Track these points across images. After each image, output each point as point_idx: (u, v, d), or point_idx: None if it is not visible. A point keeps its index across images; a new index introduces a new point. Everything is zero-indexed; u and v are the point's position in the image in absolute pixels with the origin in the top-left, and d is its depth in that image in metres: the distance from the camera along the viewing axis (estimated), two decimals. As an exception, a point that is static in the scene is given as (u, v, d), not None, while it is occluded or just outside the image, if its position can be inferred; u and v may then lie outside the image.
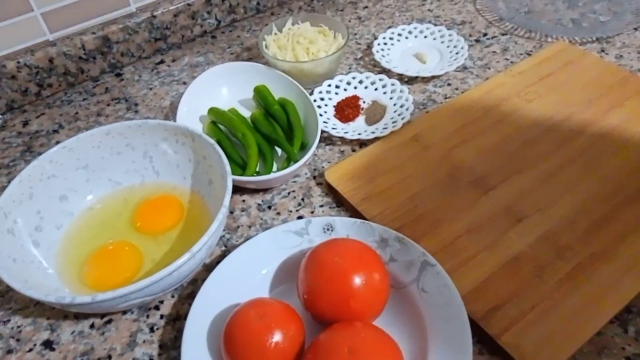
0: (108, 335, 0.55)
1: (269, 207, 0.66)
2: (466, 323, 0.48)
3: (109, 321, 0.56)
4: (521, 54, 0.87)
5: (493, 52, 0.88)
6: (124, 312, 0.56)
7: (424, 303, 0.51)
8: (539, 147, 0.68)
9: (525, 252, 0.57)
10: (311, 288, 0.49)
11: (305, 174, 0.70)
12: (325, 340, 0.45)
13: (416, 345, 0.50)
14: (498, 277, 0.54)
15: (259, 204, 0.66)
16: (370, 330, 0.46)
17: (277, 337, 0.45)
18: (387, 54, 0.86)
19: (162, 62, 0.91)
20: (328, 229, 0.57)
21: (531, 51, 0.87)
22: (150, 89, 0.85)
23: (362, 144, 0.72)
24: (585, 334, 0.50)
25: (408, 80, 0.82)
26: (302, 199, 0.66)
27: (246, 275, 0.55)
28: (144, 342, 0.54)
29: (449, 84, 0.82)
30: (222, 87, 0.78)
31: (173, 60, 0.91)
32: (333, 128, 0.73)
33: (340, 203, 0.65)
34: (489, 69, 0.84)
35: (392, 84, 0.78)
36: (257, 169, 0.67)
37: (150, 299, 0.52)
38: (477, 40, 0.90)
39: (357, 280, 0.48)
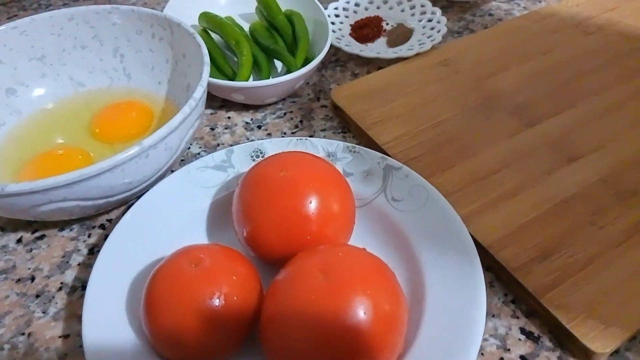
0: (36, 253, 0.43)
1: (259, 127, 0.54)
2: (454, 214, 0.39)
3: (41, 237, 0.44)
4: (579, -10, 0.73)
5: (545, -14, 0.74)
6: (62, 228, 0.45)
7: (398, 213, 0.40)
8: (597, 79, 0.55)
9: (579, 194, 0.43)
10: (252, 218, 0.36)
11: (308, 94, 0.57)
12: (288, 273, 0.32)
13: (404, 261, 0.38)
14: (542, 222, 0.42)
15: (246, 123, 0.54)
16: (345, 247, 0.34)
17: (223, 288, 0.32)
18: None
19: (159, -27, 0.79)
20: (257, 156, 0.44)
21: (591, -12, 0.73)
22: (141, -3, 0.74)
23: (380, 67, 0.60)
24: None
25: (442, 8, 0.69)
26: (301, 121, 0.54)
27: (161, 232, 0.40)
28: (78, 264, 0.42)
29: (490, 14, 0.69)
30: (220, -6, 0.66)
31: (172, -27, 0.79)
32: (347, 45, 0.60)
33: (347, 128, 0.53)
34: (540, 2, 0.71)
35: (422, 5, 0.65)
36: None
37: (90, 207, 0.41)
38: (526, -26, 0.77)
39: (314, 195, 0.35)
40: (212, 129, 0.53)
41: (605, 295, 0.37)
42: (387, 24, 0.65)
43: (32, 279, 0.41)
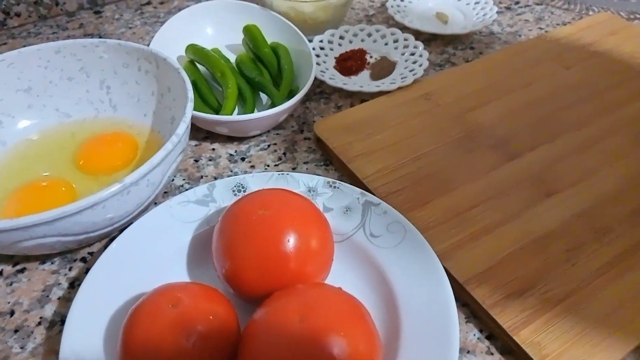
0: (17, 287, 0.43)
1: (242, 159, 0.54)
2: (430, 252, 0.40)
3: (22, 270, 0.44)
4: (557, 24, 0.75)
5: (525, 20, 0.76)
6: (43, 261, 0.45)
7: (376, 250, 0.41)
8: (577, 113, 0.56)
9: (556, 231, 0.44)
10: (231, 256, 0.37)
11: (292, 126, 0.58)
12: (265, 314, 0.33)
13: (380, 298, 0.39)
14: (519, 258, 0.42)
15: (230, 155, 0.55)
16: (321, 288, 0.34)
17: (200, 329, 0.32)
18: (404, 10, 0.74)
19: (148, 3, 0.80)
20: (239, 190, 0.45)
21: (569, 22, 0.75)
22: (130, 27, 0.75)
23: (364, 100, 0.61)
24: (630, 340, 0.38)
25: (425, 41, 0.71)
26: (284, 153, 0.55)
27: (142, 267, 0.40)
28: (58, 299, 0.42)
29: (471, 48, 0.70)
30: (206, 26, 0.67)
31: (161, 3, 0.80)
32: (331, 78, 0.61)
33: (330, 160, 0.54)
34: (520, 36, 0.73)
35: (405, 39, 0.66)
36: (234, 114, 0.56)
37: (72, 242, 0.41)
38: (507, 8, 0.79)
39: (292, 234, 0.36)
40: (196, 161, 0.54)
41: (578, 333, 0.37)
42: (371, 57, 0.67)
43: (12, 313, 0.41)
